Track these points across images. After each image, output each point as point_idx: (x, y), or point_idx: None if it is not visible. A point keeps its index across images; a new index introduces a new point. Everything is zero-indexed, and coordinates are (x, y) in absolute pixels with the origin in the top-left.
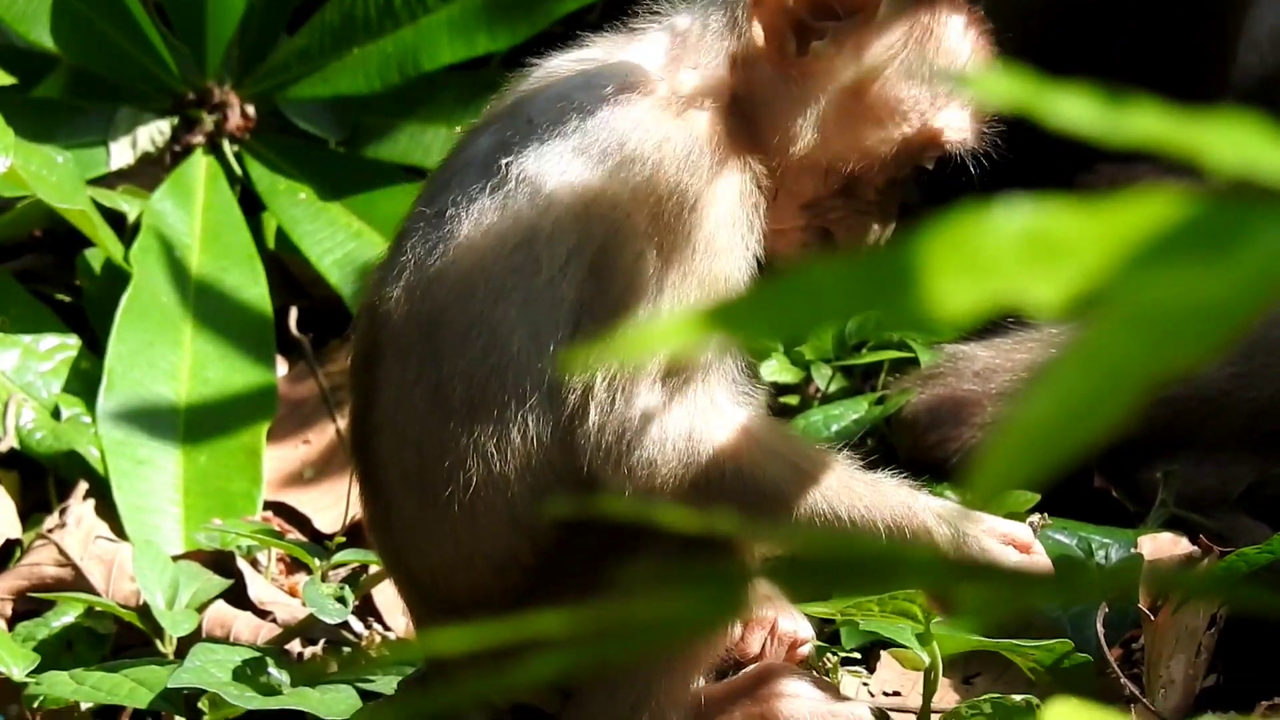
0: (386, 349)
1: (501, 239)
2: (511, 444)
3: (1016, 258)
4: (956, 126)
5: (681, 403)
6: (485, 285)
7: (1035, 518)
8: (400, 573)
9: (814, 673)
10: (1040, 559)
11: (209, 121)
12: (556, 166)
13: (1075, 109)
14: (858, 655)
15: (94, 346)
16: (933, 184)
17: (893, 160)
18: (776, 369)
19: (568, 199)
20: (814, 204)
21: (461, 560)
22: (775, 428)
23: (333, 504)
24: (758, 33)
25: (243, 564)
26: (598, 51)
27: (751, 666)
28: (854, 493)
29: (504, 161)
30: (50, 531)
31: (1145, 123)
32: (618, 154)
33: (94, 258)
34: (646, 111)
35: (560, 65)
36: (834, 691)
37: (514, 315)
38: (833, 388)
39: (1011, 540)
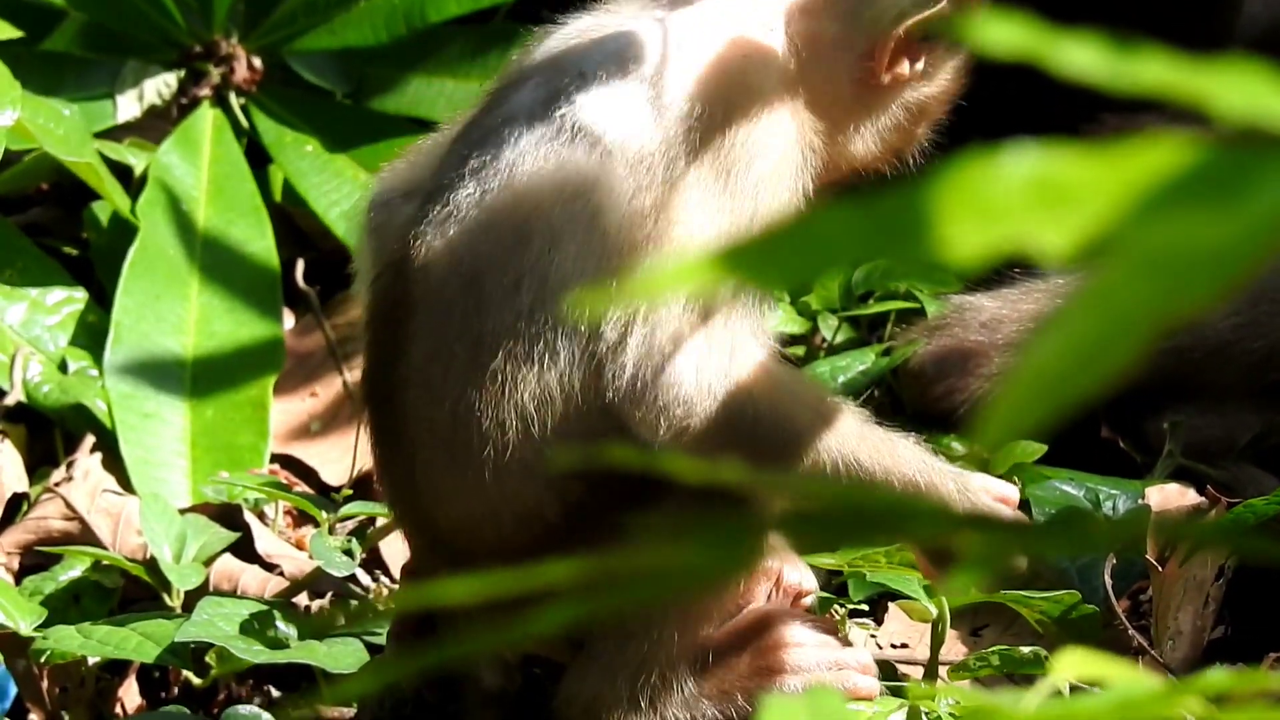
0: (420, 303)
1: (559, 188)
2: (553, 402)
3: (1024, 203)
4: None
5: (713, 341)
6: (540, 235)
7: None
8: (416, 523)
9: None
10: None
11: (215, 74)
12: (618, 116)
13: (1081, 56)
14: (865, 607)
15: (101, 300)
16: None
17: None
18: (783, 319)
19: (632, 147)
20: None
21: (488, 516)
22: (795, 373)
23: (340, 457)
24: (880, 51)
25: (250, 517)
26: (635, 9)
27: (751, 610)
28: (873, 445)
29: (559, 113)
30: (57, 485)
31: (1152, 70)
32: (683, 102)
33: (101, 211)
34: (715, 62)
35: (600, 22)
36: (838, 638)
37: (569, 266)
38: (839, 338)
39: (1000, 498)
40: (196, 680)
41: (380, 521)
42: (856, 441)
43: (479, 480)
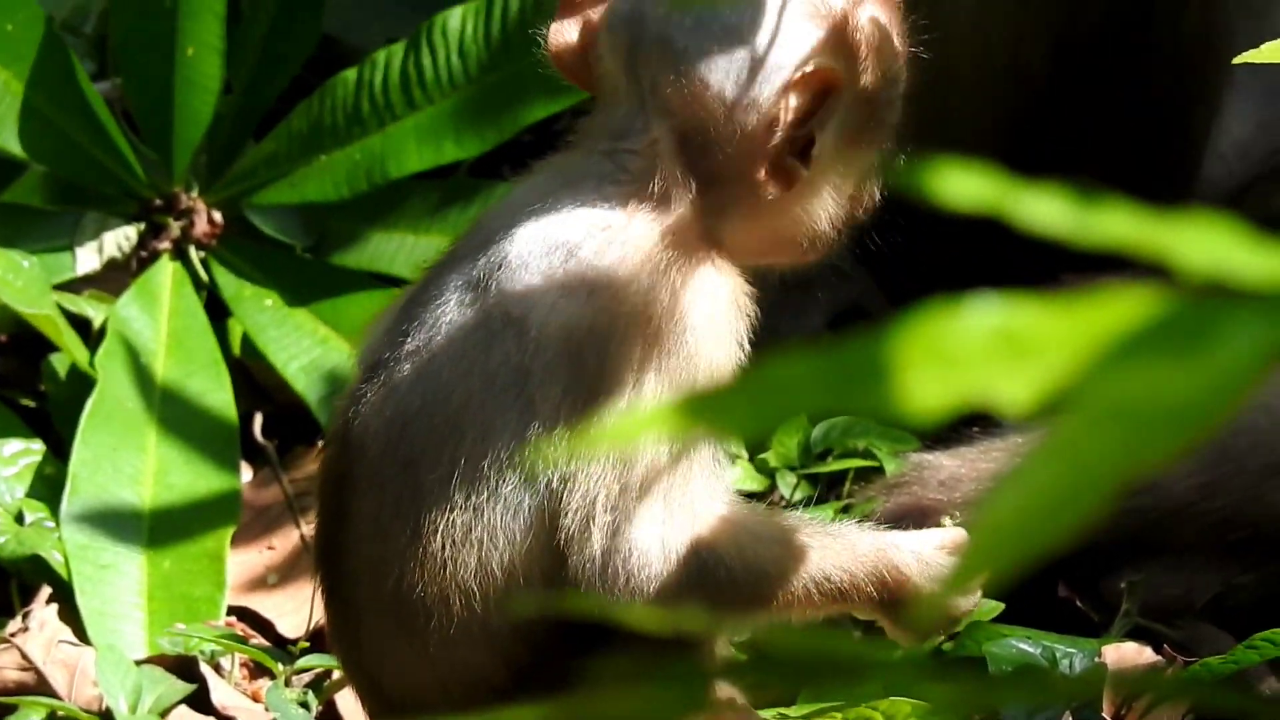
0: (361, 480)
1: (489, 381)
2: (495, 580)
3: (987, 354)
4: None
5: (673, 509)
6: (473, 427)
7: None
8: (366, 687)
9: None
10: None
11: (175, 227)
12: (542, 305)
13: (1045, 209)
14: None
15: (58, 451)
16: (896, 286)
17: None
18: (741, 477)
19: (557, 337)
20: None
21: (435, 683)
22: (748, 510)
23: (296, 609)
24: (760, 175)
25: (206, 669)
26: (558, 180)
27: None
28: (834, 554)
29: (485, 303)
30: (13, 636)
31: (1115, 224)
32: (605, 287)
33: (59, 363)
34: (628, 240)
35: (525, 197)
36: None
37: (504, 458)
38: (797, 496)
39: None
40: None
41: (336, 674)
42: (819, 556)
43: (425, 649)
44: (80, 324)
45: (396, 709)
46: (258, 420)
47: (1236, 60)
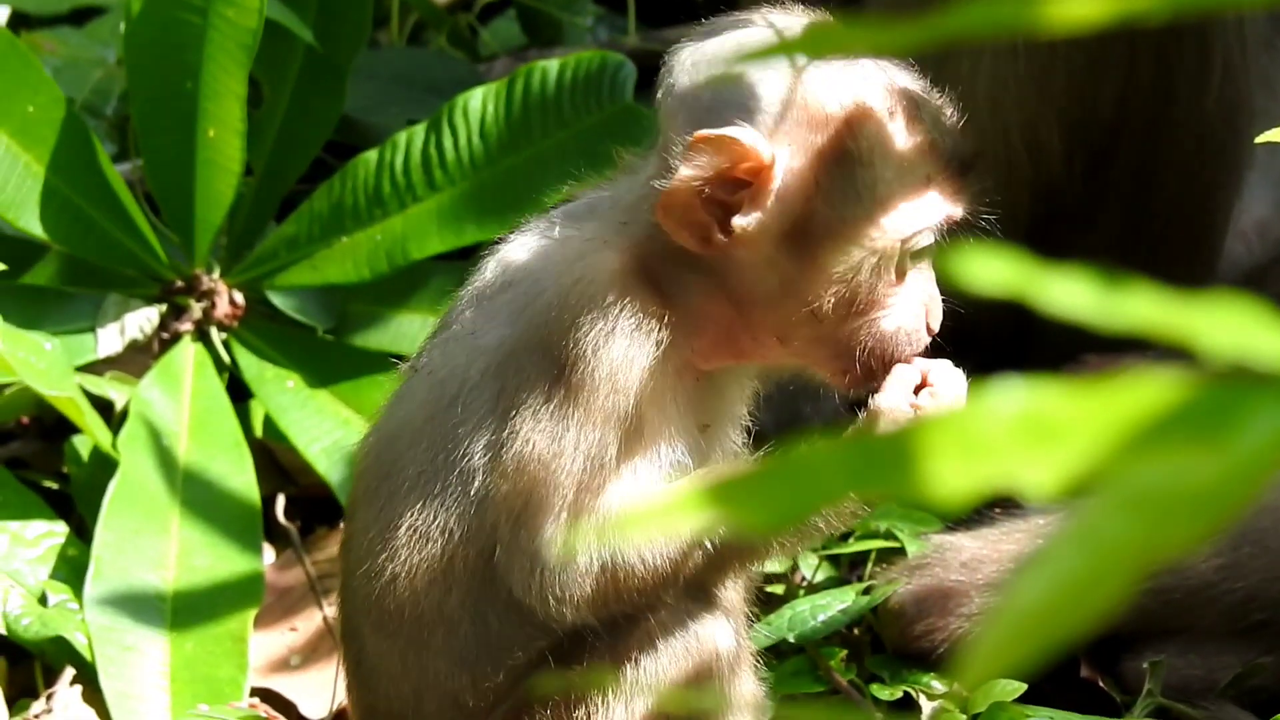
0: (359, 497)
1: (442, 390)
2: (438, 579)
3: (1012, 440)
4: (930, 214)
5: (585, 523)
6: (428, 436)
7: None
8: None
9: None
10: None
11: (197, 309)
12: (490, 318)
13: (1070, 293)
14: None
15: (82, 533)
16: None
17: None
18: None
19: (493, 346)
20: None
21: (412, 697)
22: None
23: (319, 690)
24: (675, 233)
25: None
26: (560, 215)
27: None
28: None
29: (464, 317)
30: (37, 718)
31: (1140, 307)
32: (535, 302)
33: (82, 445)
34: (562, 262)
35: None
36: None
37: (447, 461)
38: (819, 577)
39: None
40: None
41: None
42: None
43: (403, 658)
44: (103, 406)
45: None
46: (280, 502)
47: (1259, 140)
